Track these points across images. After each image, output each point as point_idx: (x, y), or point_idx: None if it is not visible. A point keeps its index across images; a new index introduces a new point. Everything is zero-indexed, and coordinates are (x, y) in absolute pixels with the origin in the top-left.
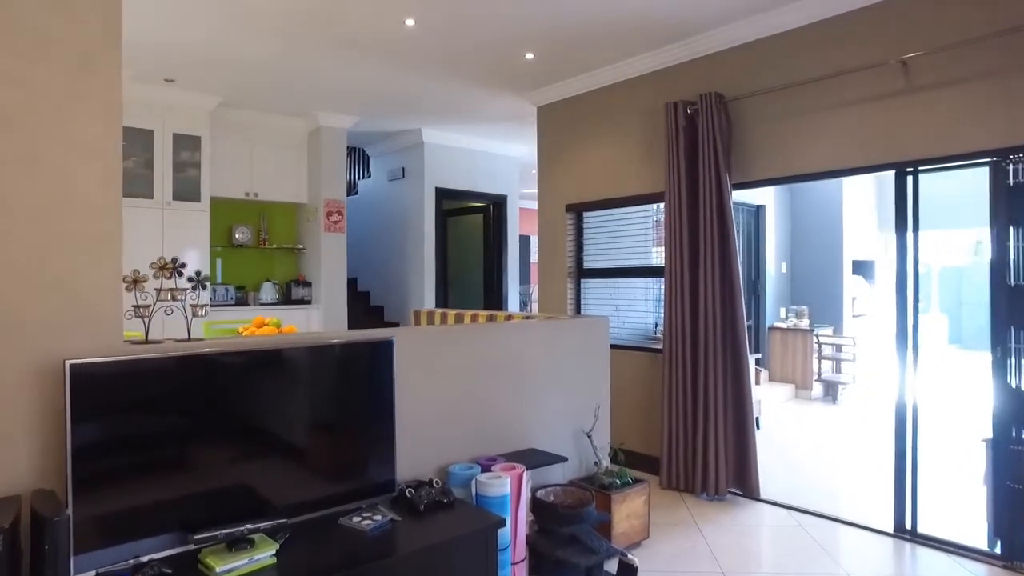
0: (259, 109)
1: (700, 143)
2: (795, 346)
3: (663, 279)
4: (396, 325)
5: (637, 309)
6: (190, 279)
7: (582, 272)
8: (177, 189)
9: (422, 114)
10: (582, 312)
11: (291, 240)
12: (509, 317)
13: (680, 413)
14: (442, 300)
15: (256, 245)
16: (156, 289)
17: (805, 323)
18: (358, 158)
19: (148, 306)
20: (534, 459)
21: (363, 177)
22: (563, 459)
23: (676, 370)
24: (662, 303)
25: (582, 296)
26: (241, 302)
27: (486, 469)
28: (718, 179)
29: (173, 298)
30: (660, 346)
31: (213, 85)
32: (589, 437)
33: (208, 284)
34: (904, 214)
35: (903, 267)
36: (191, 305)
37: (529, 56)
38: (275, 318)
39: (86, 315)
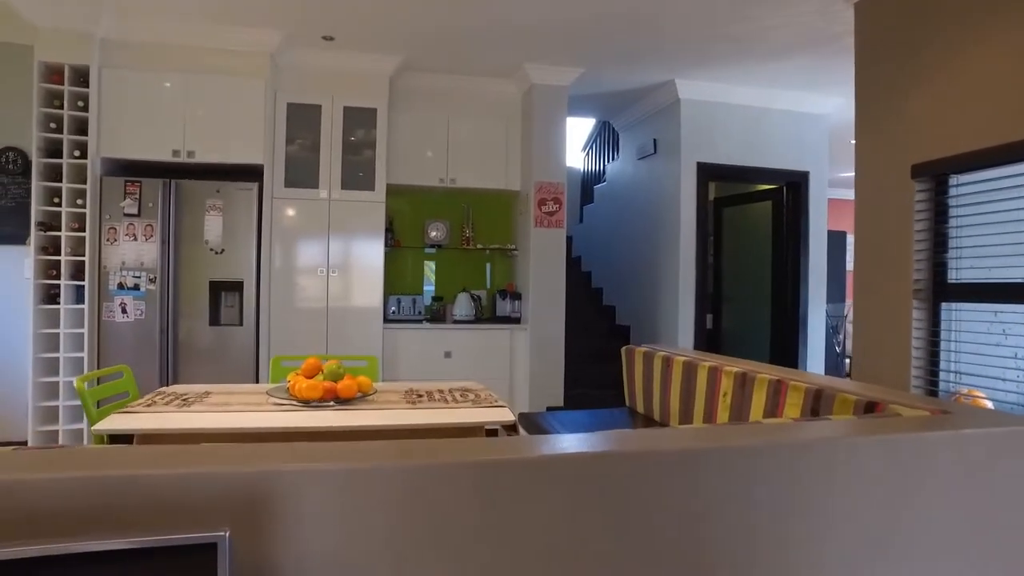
0: (453, 70)
1: None
2: None
3: None
4: None
5: None
6: None
7: (944, 289)
8: (347, 176)
9: (671, 54)
10: (944, 364)
11: (505, 239)
12: (781, 389)
13: None
14: (706, 326)
15: (457, 245)
16: None
17: None
18: (608, 136)
19: None
20: None
21: (612, 159)
22: None
23: None
24: None
25: (942, 333)
26: (437, 317)
27: None
28: None
29: None
30: None
31: (389, 42)
32: None
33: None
34: None
35: None
36: None
37: None
38: (335, 362)
39: None
